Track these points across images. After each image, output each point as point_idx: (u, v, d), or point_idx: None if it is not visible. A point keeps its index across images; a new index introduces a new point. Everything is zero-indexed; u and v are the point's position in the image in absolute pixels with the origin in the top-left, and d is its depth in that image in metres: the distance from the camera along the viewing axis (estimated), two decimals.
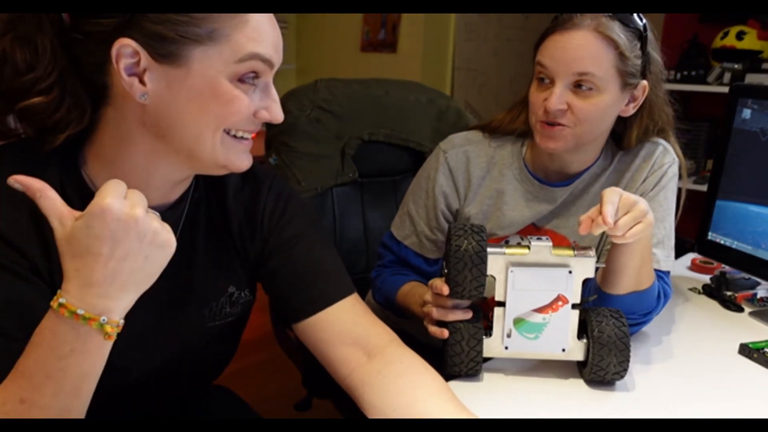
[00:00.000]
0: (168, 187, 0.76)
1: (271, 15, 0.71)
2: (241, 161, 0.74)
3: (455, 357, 0.92)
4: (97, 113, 0.71)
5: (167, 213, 0.77)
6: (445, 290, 0.90)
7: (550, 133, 1.02)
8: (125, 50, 0.64)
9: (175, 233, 0.76)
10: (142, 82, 0.66)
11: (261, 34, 0.68)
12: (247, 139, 0.73)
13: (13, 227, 0.67)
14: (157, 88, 0.66)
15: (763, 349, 1.03)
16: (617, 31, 0.97)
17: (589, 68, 0.96)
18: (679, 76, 2.93)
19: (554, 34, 0.99)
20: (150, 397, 0.84)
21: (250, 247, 0.84)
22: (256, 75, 0.69)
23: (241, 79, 0.68)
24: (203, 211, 0.82)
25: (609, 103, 1.00)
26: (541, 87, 1.02)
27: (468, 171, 1.14)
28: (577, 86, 0.98)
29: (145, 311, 0.77)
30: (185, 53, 0.65)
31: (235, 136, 0.72)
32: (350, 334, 0.81)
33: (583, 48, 0.96)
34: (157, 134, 0.69)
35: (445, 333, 0.92)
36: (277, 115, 0.73)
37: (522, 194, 1.12)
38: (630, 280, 0.98)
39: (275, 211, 0.85)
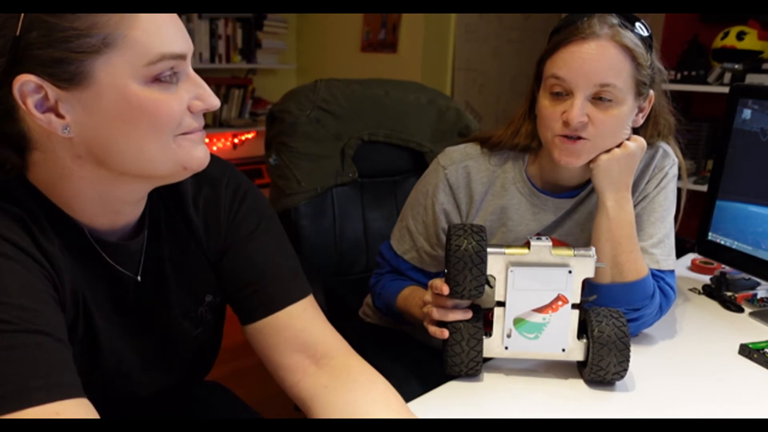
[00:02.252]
0: (129, 210, 0.73)
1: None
2: (200, 155, 0.69)
3: (455, 357, 0.92)
4: (24, 160, 0.66)
5: (131, 243, 0.74)
6: (445, 290, 0.90)
7: (570, 148, 0.99)
8: (27, 87, 0.59)
9: (141, 258, 0.76)
10: (58, 115, 0.61)
11: (160, 26, 0.62)
12: (198, 130, 0.68)
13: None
14: (76, 117, 0.61)
15: (763, 349, 1.03)
16: (633, 39, 0.96)
17: (611, 79, 0.95)
18: (679, 76, 2.93)
19: (570, 45, 0.96)
20: (146, 399, 0.84)
21: (215, 248, 0.82)
22: (173, 70, 0.64)
23: (157, 79, 0.63)
24: (164, 225, 0.78)
25: (627, 113, 0.99)
26: (556, 101, 0.99)
27: (470, 187, 1.11)
28: (596, 98, 0.96)
29: (132, 336, 0.78)
30: (87, 70, 0.59)
31: (183, 134, 0.67)
32: (298, 340, 0.79)
33: (604, 58, 0.95)
34: (96, 162, 0.65)
35: (445, 333, 0.92)
36: (211, 101, 0.67)
37: (528, 208, 1.11)
38: (608, 267, 1.00)
39: (232, 207, 0.81)
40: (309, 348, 0.79)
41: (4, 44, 0.58)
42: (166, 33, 0.63)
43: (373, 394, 0.75)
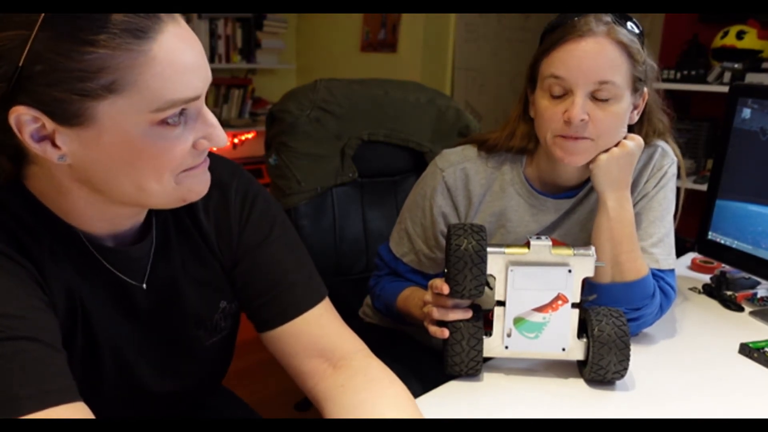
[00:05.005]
0: (127, 222, 0.73)
1: (181, 29, 0.60)
2: (200, 188, 0.68)
3: (455, 357, 0.92)
4: (23, 170, 0.65)
5: (135, 248, 0.74)
6: (446, 289, 0.90)
7: (572, 147, 0.98)
8: (24, 118, 0.57)
9: (147, 265, 0.75)
10: (55, 145, 0.59)
11: (176, 68, 0.59)
12: (200, 164, 0.67)
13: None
14: (73, 149, 0.60)
15: (763, 348, 1.03)
16: (628, 35, 0.96)
17: (610, 76, 0.95)
18: (679, 75, 2.93)
19: (566, 44, 0.96)
20: (156, 408, 0.84)
21: (228, 255, 0.81)
22: (182, 110, 0.61)
23: (164, 122, 0.60)
24: (173, 231, 0.78)
25: (625, 110, 0.99)
26: (555, 100, 0.98)
27: (468, 189, 1.11)
28: (595, 96, 0.96)
29: (141, 342, 0.77)
30: (89, 112, 0.57)
31: (186, 170, 0.65)
32: (315, 346, 0.78)
33: (601, 56, 0.95)
34: (93, 189, 0.64)
35: (446, 332, 0.92)
36: (219, 141, 0.65)
37: (527, 209, 1.10)
38: (608, 267, 1.00)
39: (242, 214, 0.80)
40: (327, 352, 0.79)
41: (6, 72, 0.55)
42: (181, 77, 0.59)
43: (387, 395, 0.75)
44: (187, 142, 0.63)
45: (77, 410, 0.58)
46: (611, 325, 0.90)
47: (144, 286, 0.75)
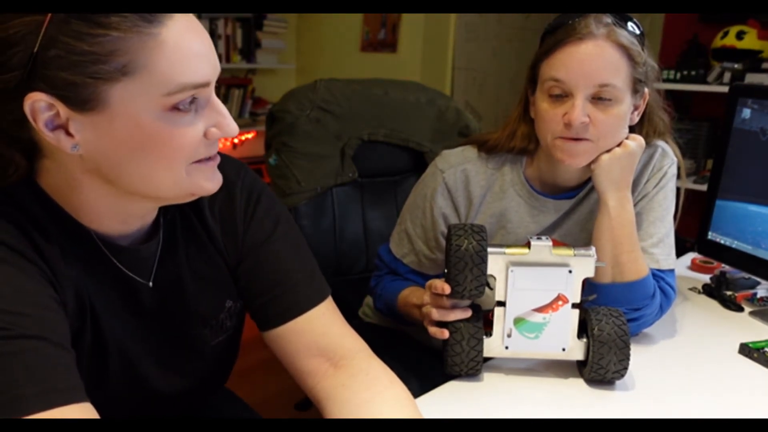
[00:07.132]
0: (138, 221, 0.73)
1: (191, 19, 0.62)
2: (210, 184, 0.68)
3: (455, 357, 0.92)
4: (35, 165, 0.66)
5: (144, 247, 0.74)
6: (446, 289, 0.90)
7: (573, 148, 0.98)
8: (39, 105, 0.58)
9: (153, 265, 0.75)
10: (68, 133, 0.60)
11: (185, 53, 0.60)
12: (211, 158, 0.67)
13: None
14: (86, 137, 0.60)
15: (763, 348, 1.03)
16: (628, 37, 0.96)
17: (610, 79, 0.95)
18: (679, 76, 2.94)
19: (566, 46, 0.96)
20: (159, 407, 0.84)
21: (233, 253, 0.81)
22: (193, 98, 0.62)
23: (174, 107, 0.61)
24: (180, 230, 0.78)
25: (626, 112, 0.99)
26: (555, 103, 0.98)
27: (468, 190, 1.11)
28: (595, 98, 0.96)
29: (147, 341, 0.77)
30: (102, 96, 0.58)
31: (195, 162, 0.66)
32: (317, 345, 0.79)
33: (601, 58, 0.95)
34: (105, 180, 0.65)
35: (445, 333, 0.92)
36: (230, 130, 0.66)
37: (527, 210, 1.10)
38: (608, 267, 1.00)
39: (247, 212, 0.81)
40: (328, 352, 0.79)
41: (21, 58, 0.56)
42: (191, 62, 0.60)
43: (387, 395, 0.75)
44: (198, 129, 0.64)
45: (83, 410, 0.58)
46: (611, 324, 0.90)
47: (150, 284, 0.76)
